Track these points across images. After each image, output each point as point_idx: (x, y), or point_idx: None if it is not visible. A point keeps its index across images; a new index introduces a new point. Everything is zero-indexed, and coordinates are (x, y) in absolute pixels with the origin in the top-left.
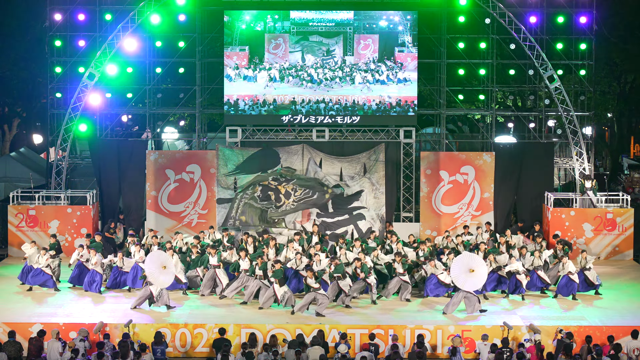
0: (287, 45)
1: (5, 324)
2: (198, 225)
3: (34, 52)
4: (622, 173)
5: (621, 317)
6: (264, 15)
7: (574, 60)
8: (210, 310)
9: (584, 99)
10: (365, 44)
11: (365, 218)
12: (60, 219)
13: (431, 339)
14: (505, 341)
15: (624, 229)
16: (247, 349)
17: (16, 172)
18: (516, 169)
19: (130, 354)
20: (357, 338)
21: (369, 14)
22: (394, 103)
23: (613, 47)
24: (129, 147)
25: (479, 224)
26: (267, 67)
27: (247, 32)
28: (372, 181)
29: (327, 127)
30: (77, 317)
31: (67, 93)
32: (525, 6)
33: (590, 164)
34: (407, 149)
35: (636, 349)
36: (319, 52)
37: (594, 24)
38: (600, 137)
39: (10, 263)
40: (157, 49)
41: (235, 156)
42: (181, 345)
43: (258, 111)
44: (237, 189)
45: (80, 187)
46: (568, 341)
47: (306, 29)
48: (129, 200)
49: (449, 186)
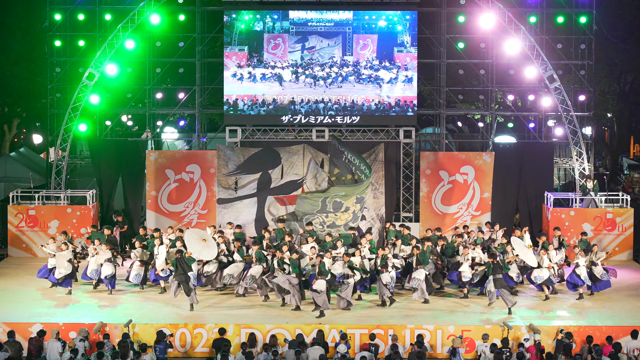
0: (287, 45)
1: (5, 324)
2: (198, 226)
3: (34, 52)
4: (622, 173)
5: (621, 318)
6: (263, 15)
7: (574, 60)
8: (210, 311)
9: (584, 99)
10: (364, 43)
11: (366, 218)
12: (60, 219)
13: (431, 339)
14: (505, 341)
15: (623, 229)
16: (247, 349)
17: (16, 172)
18: (516, 169)
19: (130, 353)
20: (357, 338)
21: (368, 14)
22: (392, 103)
23: (613, 47)
24: (129, 147)
25: (479, 224)
26: (267, 66)
27: (246, 32)
28: (372, 181)
29: (327, 127)
30: (77, 317)
31: (67, 93)
32: (525, 6)
33: (590, 164)
34: (407, 149)
35: (636, 349)
36: (319, 52)
37: (594, 24)
38: (600, 137)
39: (11, 263)
40: (157, 49)
41: (236, 156)
42: (181, 345)
43: (257, 111)
44: (237, 189)
45: (80, 187)
46: (567, 341)
47: (305, 29)
48: (129, 200)
49: (449, 186)
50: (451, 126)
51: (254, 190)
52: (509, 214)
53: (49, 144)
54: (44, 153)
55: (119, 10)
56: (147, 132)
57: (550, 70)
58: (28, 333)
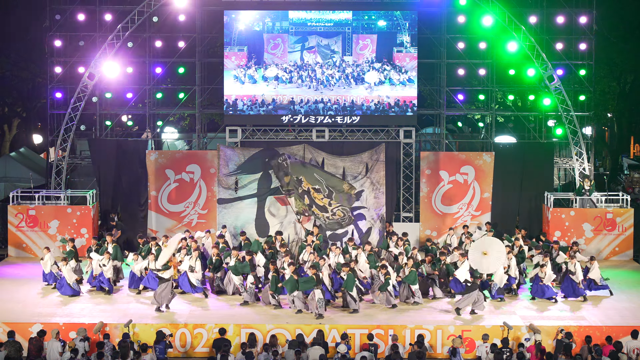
0: (286, 45)
1: (5, 324)
2: (198, 225)
3: (34, 52)
4: (622, 173)
5: (621, 317)
6: (263, 15)
7: (574, 60)
8: (210, 311)
9: (584, 99)
10: (363, 44)
11: (366, 218)
12: (60, 219)
13: (431, 339)
14: (505, 341)
15: (623, 229)
16: (247, 349)
17: (16, 172)
18: (516, 169)
19: (130, 353)
20: (357, 338)
21: (367, 14)
22: (392, 103)
23: (613, 47)
24: (129, 147)
25: (479, 223)
26: (266, 66)
27: (246, 32)
28: (373, 181)
29: (327, 127)
30: (77, 317)
31: (67, 93)
32: (525, 6)
33: (590, 164)
34: (407, 149)
35: (636, 349)
36: (318, 52)
37: (594, 23)
38: (600, 137)
39: (11, 263)
40: (157, 49)
41: (237, 156)
42: (181, 345)
43: (257, 111)
44: (237, 189)
45: (80, 187)
46: (567, 341)
47: (305, 29)
48: (129, 200)
49: (449, 186)
50: (451, 126)
51: (254, 191)
52: (509, 214)
53: (49, 144)
54: (44, 153)
55: (119, 10)
56: (147, 132)
57: (550, 70)
58: (28, 333)
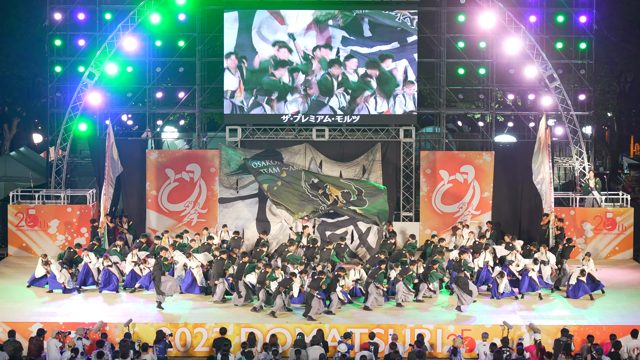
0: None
1: (5, 324)
2: (198, 225)
3: (34, 51)
4: (622, 172)
5: (621, 317)
6: (262, 14)
7: (574, 59)
8: (210, 310)
9: (584, 98)
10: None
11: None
12: (60, 219)
13: (431, 339)
14: (505, 340)
15: (623, 229)
16: (247, 348)
17: (16, 171)
18: (516, 169)
19: (130, 353)
20: (357, 337)
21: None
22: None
23: (613, 46)
24: (129, 147)
25: (479, 223)
26: (266, 66)
27: (246, 31)
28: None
29: (327, 127)
30: (77, 316)
31: (67, 93)
32: (525, 6)
33: (590, 164)
34: (407, 149)
35: (636, 348)
36: (318, 51)
37: (594, 23)
38: (600, 136)
39: (10, 263)
40: (157, 48)
41: (238, 156)
42: (181, 345)
43: (257, 111)
44: (238, 189)
45: (80, 187)
46: (567, 340)
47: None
48: (129, 200)
49: (449, 185)
50: (451, 125)
51: (255, 190)
52: (509, 214)
53: (49, 144)
54: (44, 152)
55: (119, 10)
56: (147, 132)
57: (550, 70)
58: (28, 332)
